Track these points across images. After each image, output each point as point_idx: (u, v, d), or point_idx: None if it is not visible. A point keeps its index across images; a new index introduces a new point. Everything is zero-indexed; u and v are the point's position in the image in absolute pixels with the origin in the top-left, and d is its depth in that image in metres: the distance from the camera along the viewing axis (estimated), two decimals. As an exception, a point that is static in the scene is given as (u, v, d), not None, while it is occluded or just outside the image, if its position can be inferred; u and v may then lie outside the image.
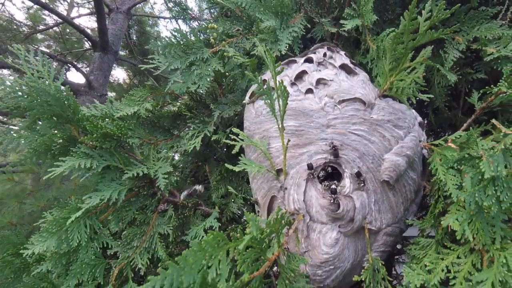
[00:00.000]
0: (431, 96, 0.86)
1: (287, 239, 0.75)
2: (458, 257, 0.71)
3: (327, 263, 0.80)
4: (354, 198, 0.83)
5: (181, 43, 1.22)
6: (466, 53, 1.04)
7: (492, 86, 0.85)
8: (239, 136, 0.89)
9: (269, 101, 0.86)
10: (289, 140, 0.85)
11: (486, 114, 1.16)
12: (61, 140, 0.97)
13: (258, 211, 1.04)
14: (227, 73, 1.40)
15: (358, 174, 0.84)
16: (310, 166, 0.85)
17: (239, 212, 1.35)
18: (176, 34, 1.21)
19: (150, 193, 1.17)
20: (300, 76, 0.97)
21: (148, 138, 1.29)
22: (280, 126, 0.86)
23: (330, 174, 0.89)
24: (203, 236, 1.13)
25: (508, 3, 1.05)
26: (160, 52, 1.22)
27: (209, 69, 1.26)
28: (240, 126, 1.13)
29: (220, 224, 1.10)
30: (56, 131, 0.96)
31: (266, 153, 0.91)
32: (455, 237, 0.80)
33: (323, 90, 0.92)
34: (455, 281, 0.66)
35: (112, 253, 1.13)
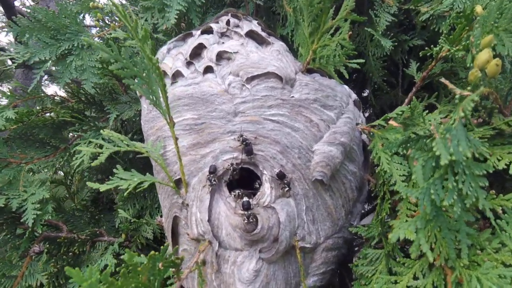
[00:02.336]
0: (362, 60, 0.66)
1: (178, 286, 0.49)
2: (414, 278, 0.51)
3: (247, 307, 0.56)
4: (278, 209, 0.60)
5: (48, 26, 0.91)
6: (398, 16, 0.88)
7: (432, 47, 0.68)
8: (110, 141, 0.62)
9: (151, 96, 0.60)
10: (176, 139, 0.60)
11: (426, 89, 1.01)
12: None
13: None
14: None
15: (281, 176, 0.61)
16: (211, 170, 0.60)
17: (160, 236, 1.07)
18: (37, 13, 0.90)
19: (15, 232, 0.84)
20: (198, 52, 0.73)
21: (17, 157, 0.96)
22: (167, 119, 0.61)
23: (244, 179, 0.66)
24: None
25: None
26: (18, 38, 0.90)
27: (93, 59, 0.97)
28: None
29: (116, 262, 0.81)
30: None
31: (156, 159, 0.65)
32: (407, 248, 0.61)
33: (227, 66, 0.68)
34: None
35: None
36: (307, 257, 0.65)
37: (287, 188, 0.61)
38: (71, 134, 1.06)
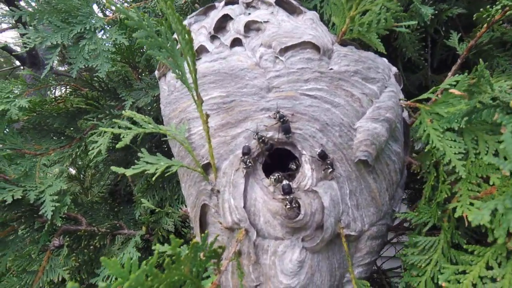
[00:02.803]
0: (414, 22, 0.59)
1: (218, 279, 0.43)
2: (487, 267, 0.45)
3: (291, 301, 0.50)
4: (321, 193, 0.54)
5: (58, 8, 0.86)
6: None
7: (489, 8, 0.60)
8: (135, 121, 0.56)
9: (177, 70, 0.54)
10: (207, 116, 0.54)
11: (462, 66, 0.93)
12: None
13: (193, 228, 0.72)
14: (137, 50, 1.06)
15: (323, 156, 0.55)
16: (245, 151, 0.54)
17: (181, 227, 1.02)
18: (47, -7, 0.84)
19: (33, 225, 0.80)
20: (222, 25, 0.66)
21: (31, 148, 0.91)
22: (195, 97, 0.55)
23: (281, 161, 0.60)
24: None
25: None
26: (28, 22, 0.85)
27: (107, 43, 0.91)
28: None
29: (139, 255, 0.76)
30: None
31: (182, 142, 0.59)
32: (476, 231, 0.54)
33: (256, 38, 0.62)
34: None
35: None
36: (351, 246, 0.59)
37: (330, 169, 0.54)
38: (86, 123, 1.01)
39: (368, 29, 0.60)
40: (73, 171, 1.36)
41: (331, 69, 0.59)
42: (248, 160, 0.54)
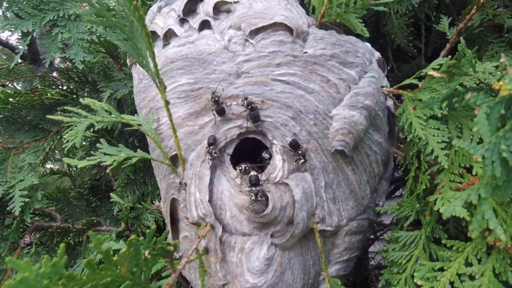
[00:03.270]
0: (384, 9, 0.54)
1: (173, 279, 0.40)
2: (467, 263, 0.41)
3: (258, 302, 0.47)
4: (292, 186, 0.50)
5: (29, -7, 0.82)
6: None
7: None
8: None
9: (135, 54, 0.50)
10: (168, 102, 0.50)
11: (452, 52, 0.89)
12: None
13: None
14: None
15: (295, 145, 0.51)
16: (210, 141, 0.50)
17: (162, 223, 0.98)
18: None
19: (3, 222, 0.77)
20: (193, 8, 0.62)
21: (4, 141, 0.88)
22: (157, 84, 0.51)
23: (252, 152, 0.56)
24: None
25: None
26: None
27: (82, 30, 0.87)
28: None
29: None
30: None
31: (146, 132, 0.55)
32: (454, 226, 0.51)
33: (226, 19, 0.58)
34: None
35: None
36: (328, 242, 0.55)
37: (302, 160, 0.50)
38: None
39: (346, 10, 0.56)
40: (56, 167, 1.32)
41: (306, 52, 0.55)
42: (214, 151, 0.50)
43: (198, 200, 0.51)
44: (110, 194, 0.76)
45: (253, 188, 0.47)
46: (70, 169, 1.30)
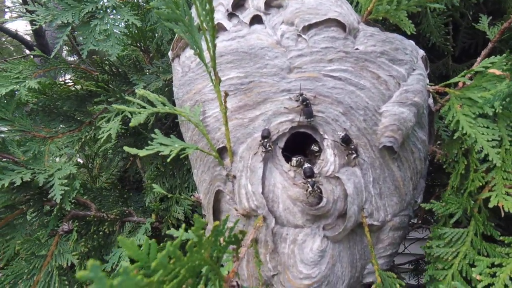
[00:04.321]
0: (441, 5, 0.55)
1: (236, 266, 0.41)
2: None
3: (311, 292, 0.48)
4: (344, 180, 0.51)
5: (69, -15, 0.83)
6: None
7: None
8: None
9: (195, 46, 0.50)
10: (226, 94, 0.51)
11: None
12: None
13: (205, 216, 0.69)
14: (151, 33, 1.03)
15: (347, 140, 0.52)
16: (265, 134, 0.51)
17: (191, 215, 0.99)
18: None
19: (41, 209, 0.78)
20: (241, 2, 0.63)
21: (41, 131, 0.89)
22: (212, 76, 0.52)
23: (302, 145, 0.57)
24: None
25: None
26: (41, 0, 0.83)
27: (118, 24, 0.89)
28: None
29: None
30: None
31: (197, 124, 0.56)
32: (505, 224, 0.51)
33: (277, 15, 0.58)
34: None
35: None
36: (373, 236, 0.56)
37: (354, 155, 0.51)
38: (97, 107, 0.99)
39: (397, 7, 0.56)
40: (80, 160, 1.34)
41: (357, 49, 0.55)
42: (268, 144, 0.51)
43: (250, 192, 0.52)
44: (152, 185, 0.77)
45: (309, 180, 0.48)
46: (88, 161, 1.32)
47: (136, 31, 0.98)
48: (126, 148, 0.50)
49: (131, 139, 1.14)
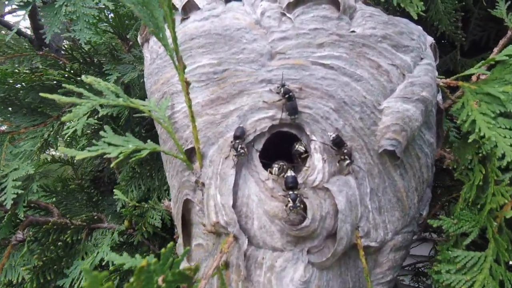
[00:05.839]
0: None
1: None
2: None
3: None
4: (334, 192, 0.41)
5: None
6: None
7: None
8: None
9: (150, 22, 0.40)
10: (188, 83, 0.41)
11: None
12: None
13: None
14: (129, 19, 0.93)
15: (338, 143, 0.42)
16: (238, 133, 0.41)
17: (170, 222, 0.90)
18: None
19: (-8, 215, 0.69)
20: (217, -24, 0.53)
21: (0, 124, 0.80)
22: (175, 62, 0.42)
23: (287, 148, 0.47)
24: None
25: None
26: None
27: (88, 5, 0.79)
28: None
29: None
30: None
31: (158, 120, 0.46)
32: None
33: (258, -11, 0.48)
34: None
35: None
36: (370, 259, 0.46)
37: (347, 161, 0.41)
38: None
39: (403, -18, 0.46)
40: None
41: (353, 31, 0.45)
42: (241, 146, 0.41)
43: (220, 204, 0.42)
44: (113, 189, 0.68)
45: (291, 193, 0.38)
46: (72, 158, 1.22)
47: (113, 16, 0.88)
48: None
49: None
